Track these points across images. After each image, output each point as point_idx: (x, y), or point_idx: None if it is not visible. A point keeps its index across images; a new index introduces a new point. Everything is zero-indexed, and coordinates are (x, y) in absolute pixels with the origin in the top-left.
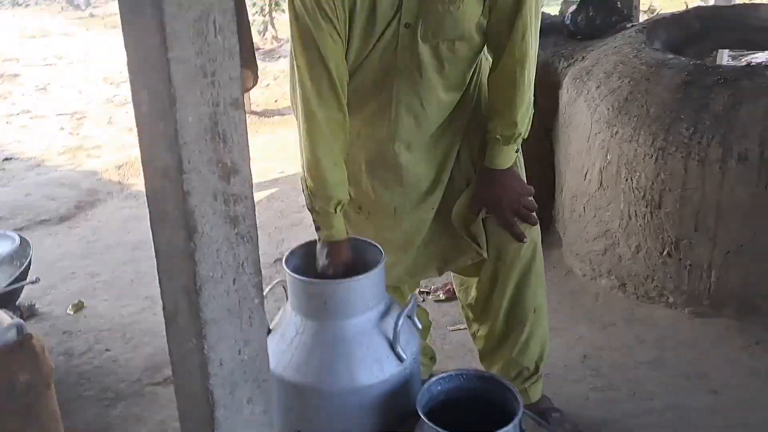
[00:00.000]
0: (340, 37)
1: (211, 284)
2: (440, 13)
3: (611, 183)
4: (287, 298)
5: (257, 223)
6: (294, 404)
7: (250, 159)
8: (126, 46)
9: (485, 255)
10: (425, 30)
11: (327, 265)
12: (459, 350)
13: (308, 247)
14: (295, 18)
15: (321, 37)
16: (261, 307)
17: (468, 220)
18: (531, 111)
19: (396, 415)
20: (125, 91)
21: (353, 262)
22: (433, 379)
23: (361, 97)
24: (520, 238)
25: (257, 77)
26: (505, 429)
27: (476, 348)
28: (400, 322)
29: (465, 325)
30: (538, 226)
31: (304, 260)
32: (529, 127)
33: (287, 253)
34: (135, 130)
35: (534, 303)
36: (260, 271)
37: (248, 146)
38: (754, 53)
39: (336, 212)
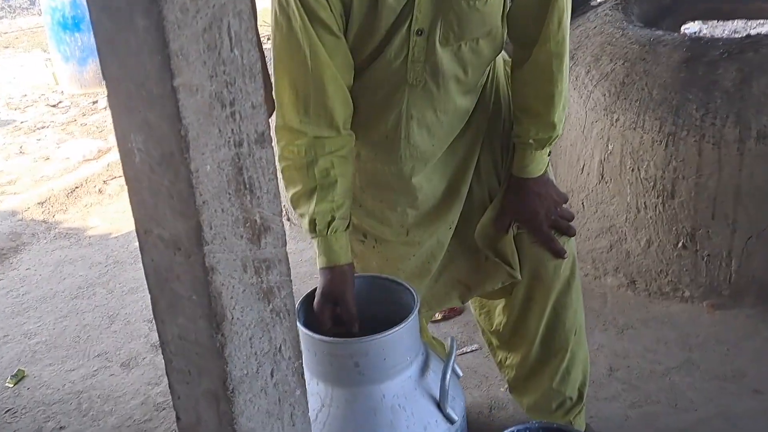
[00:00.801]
0: (339, 31)
1: (246, 384)
2: (464, 11)
3: (614, 175)
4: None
5: None
6: None
7: (282, 211)
8: (105, 75)
9: (519, 276)
10: (445, 33)
11: (321, 297)
12: (470, 377)
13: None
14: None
15: (313, 38)
16: (304, 398)
17: (495, 238)
18: (567, 109)
19: None
20: (33, 115)
21: (365, 302)
22: None
23: (362, 117)
24: (560, 254)
25: (274, 105)
26: None
27: (504, 377)
28: (448, 377)
29: (471, 348)
30: (574, 237)
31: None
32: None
33: (298, 303)
34: (51, 158)
35: (575, 324)
36: (300, 351)
37: (279, 193)
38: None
39: (321, 233)
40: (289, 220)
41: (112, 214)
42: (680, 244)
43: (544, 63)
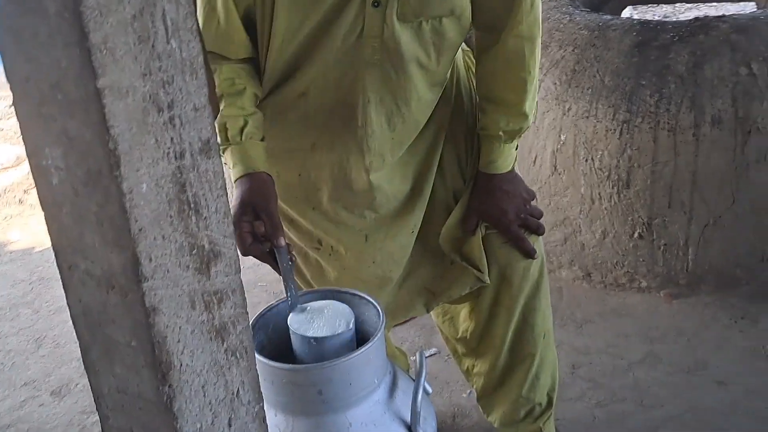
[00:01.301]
0: None
1: None
2: None
3: (568, 166)
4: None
5: None
6: None
7: (233, 231)
8: (9, 74)
9: (488, 280)
10: (402, 6)
11: (239, 209)
12: (431, 384)
13: (275, 314)
14: None
15: None
16: None
17: (462, 240)
18: (537, 99)
19: None
20: None
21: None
22: None
23: (316, 101)
24: (531, 254)
25: (218, 107)
26: None
27: (472, 387)
28: (420, 397)
29: (430, 353)
30: (541, 237)
31: (273, 331)
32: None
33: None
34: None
35: (544, 328)
36: (260, 392)
37: (230, 211)
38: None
39: (233, 140)
40: None
41: (34, 227)
42: (636, 234)
43: (515, 48)
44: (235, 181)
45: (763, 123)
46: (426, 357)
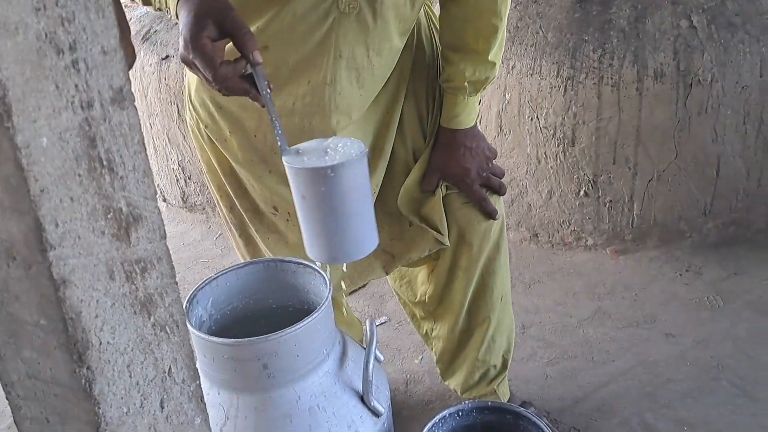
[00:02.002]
0: None
1: (128, 425)
2: None
3: (513, 126)
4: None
5: None
6: None
7: (155, 192)
8: None
9: (447, 243)
10: None
11: (195, 19)
12: (383, 352)
13: (213, 288)
14: None
15: None
16: (206, 426)
17: (422, 201)
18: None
19: None
20: None
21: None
22: (425, 429)
23: (278, 56)
24: (492, 215)
25: (134, 54)
26: None
27: (431, 350)
28: (371, 366)
29: (380, 321)
30: (502, 197)
31: (213, 306)
32: None
33: (186, 302)
34: None
35: (502, 290)
36: (196, 370)
37: (150, 169)
38: None
39: None
40: (165, 200)
41: None
42: (582, 192)
43: None
44: (178, 1)
45: (704, 75)
46: (377, 325)
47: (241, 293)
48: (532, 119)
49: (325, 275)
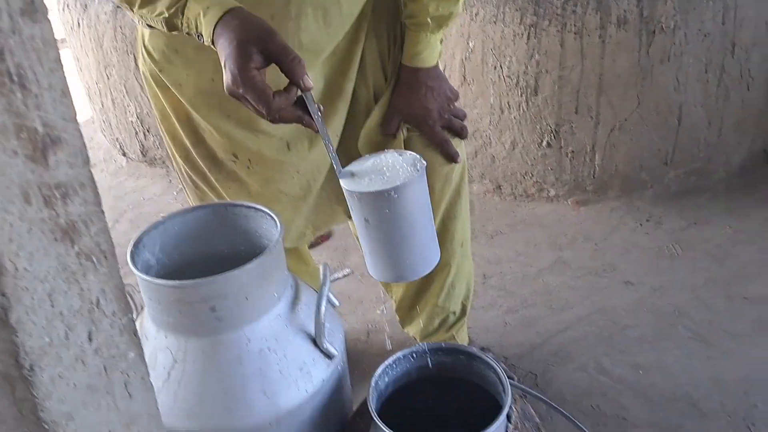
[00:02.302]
0: None
1: (51, 356)
2: None
3: (477, 75)
4: (137, 309)
5: None
6: None
7: (76, 114)
8: None
9: None
10: None
11: (240, 46)
12: (344, 303)
13: (161, 232)
14: None
15: None
16: (141, 361)
17: (383, 144)
18: None
19: (334, 424)
20: None
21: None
22: (378, 371)
23: None
24: (454, 158)
25: None
26: (498, 422)
27: (391, 298)
28: (323, 309)
29: (343, 273)
30: (464, 140)
31: (161, 251)
32: None
33: (131, 245)
34: None
35: (462, 236)
36: (127, 302)
37: (69, 89)
38: None
39: None
40: (125, 155)
41: None
42: (545, 143)
43: None
44: (215, 27)
45: (666, 23)
46: (339, 277)
47: (190, 238)
48: (495, 68)
49: (276, 218)
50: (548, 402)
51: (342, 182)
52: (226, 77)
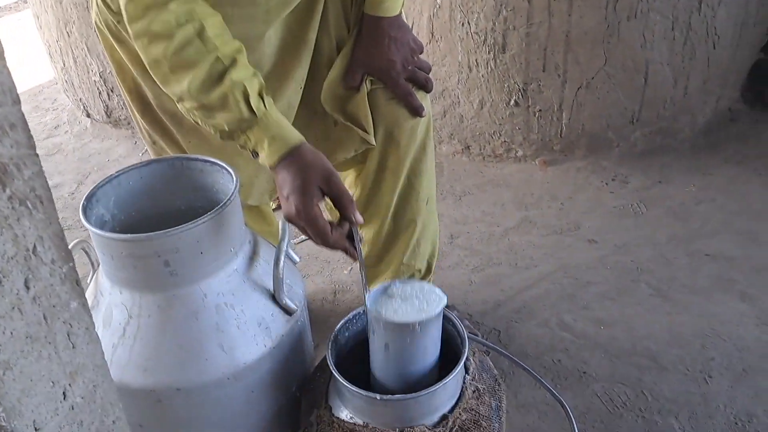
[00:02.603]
0: None
1: None
2: None
3: (445, 32)
4: (95, 266)
5: None
6: (152, 419)
7: (3, 51)
8: None
9: (374, 142)
10: None
11: (305, 192)
12: (311, 264)
13: (115, 186)
14: None
15: None
16: (84, 311)
17: (346, 98)
18: None
19: (294, 379)
20: None
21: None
22: (338, 326)
23: None
24: (418, 111)
25: None
26: (455, 372)
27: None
28: (282, 264)
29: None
30: (429, 94)
31: (116, 206)
32: None
33: (84, 199)
34: None
35: (428, 193)
36: (68, 251)
37: None
38: None
39: (254, 110)
40: (89, 115)
41: None
42: (512, 102)
43: None
44: (278, 160)
45: None
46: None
47: (146, 193)
48: (463, 24)
49: (232, 172)
50: (510, 357)
51: (369, 307)
52: (289, 208)
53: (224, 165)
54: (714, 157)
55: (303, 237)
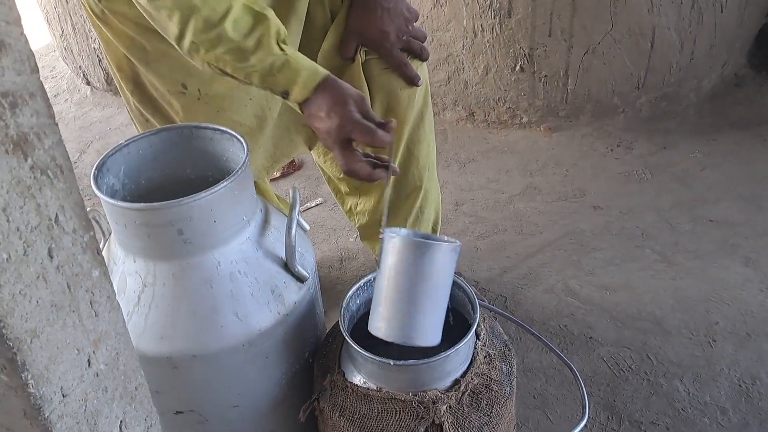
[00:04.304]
0: None
1: (10, 273)
2: None
3: None
4: (105, 235)
5: None
6: (168, 385)
7: (20, 16)
8: None
9: None
10: None
11: (340, 103)
12: (317, 232)
13: (125, 155)
14: None
15: None
16: (106, 279)
17: (341, 68)
18: None
19: (307, 345)
20: None
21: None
22: (349, 293)
23: None
24: (414, 80)
25: None
26: (465, 339)
27: (354, 225)
28: (294, 232)
29: (316, 202)
30: (426, 62)
31: (126, 175)
32: None
33: (94, 168)
34: None
35: (428, 161)
36: (89, 220)
37: None
38: None
39: (285, 51)
40: (88, 83)
41: None
42: (518, 67)
43: None
44: (313, 91)
45: None
46: (312, 206)
47: (155, 162)
48: None
49: (242, 140)
50: (518, 321)
51: (386, 232)
52: (332, 123)
53: (234, 133)
54: (719, 122)
55: (311, 204)
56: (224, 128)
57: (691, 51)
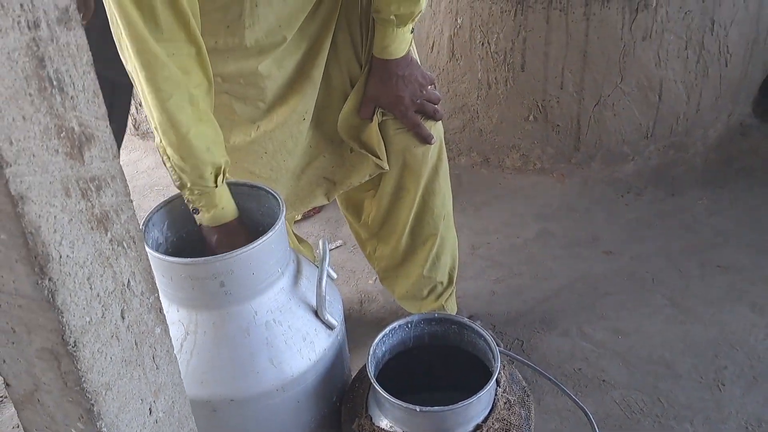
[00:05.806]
0: None
1: (91, 334)
2: None
3: (465, 51)
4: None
5: None
6: (207, 428)
7: (106, 112)
8: None
9: (386, 167)
10: None
11: (227, 246)
12: (338, 274)
13: (168, 211)
14: None
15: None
16: (166, 335)
17: (360, 127)
18: None
19: (335, 390)
20: None
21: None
22: (376, 340)
23: None
24: (428, 139)
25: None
26: (487, 387)
27: (375, 269)
28: (324, 282)
29: (336, 245)
30: (440, 121)
31: (169, 229)
32: None
33: (142, 224)
34: None
35: (443, 211)
36: (154, 283)
37: (99, 89)
38: None
39: (217, 184)
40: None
41: None
42: (531, 117)
43: None
44: (217, 227)
45: (649, 0)
46: (331, 248)
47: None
48: (483, 44)
49: (278, 196)
50: (534, 366)
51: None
52: (214, 251)
53: (270, 189)
54: (725, 170)
55: (331, 246)
56: (260, 185)
57: (697, 102)
